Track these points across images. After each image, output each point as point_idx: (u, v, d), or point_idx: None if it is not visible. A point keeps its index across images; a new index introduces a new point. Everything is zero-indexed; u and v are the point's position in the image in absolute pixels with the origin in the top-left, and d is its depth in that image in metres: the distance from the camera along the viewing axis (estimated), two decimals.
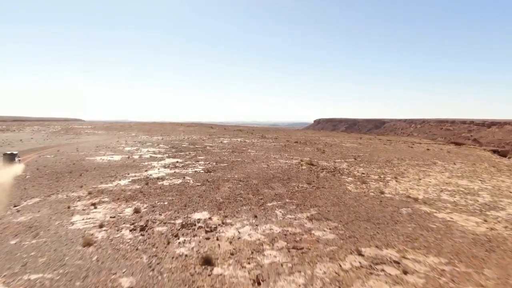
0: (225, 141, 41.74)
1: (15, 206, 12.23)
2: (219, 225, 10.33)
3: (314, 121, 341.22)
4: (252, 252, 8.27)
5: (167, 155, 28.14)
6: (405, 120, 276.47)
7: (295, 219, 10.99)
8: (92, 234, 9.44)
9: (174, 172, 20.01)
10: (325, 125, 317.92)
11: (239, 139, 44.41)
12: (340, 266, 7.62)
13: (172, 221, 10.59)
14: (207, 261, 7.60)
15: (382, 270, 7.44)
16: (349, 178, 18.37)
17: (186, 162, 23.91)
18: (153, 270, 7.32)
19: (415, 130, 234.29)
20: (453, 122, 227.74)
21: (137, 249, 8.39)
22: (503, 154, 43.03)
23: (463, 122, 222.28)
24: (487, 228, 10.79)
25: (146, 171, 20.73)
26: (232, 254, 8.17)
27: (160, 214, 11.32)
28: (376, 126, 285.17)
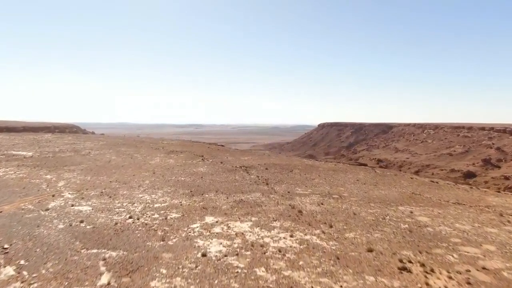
0: (216, 249, 15.76)
1: None
2: None
3: (319, 125, 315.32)
4: None
5: None
6: (414, 125, 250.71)
7: None
8: None
9: None
10: (329, 129, 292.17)
11: (249, 224, 18.36)
12: None
13: None
14: None
15: None
16: None
17: None
18: None
19: (429, 137, 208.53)
20: (470, 128, 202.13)
21: None
22: None
23: (482, 128, 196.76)
24: None
25: None
26: None
27: None
28: (384, 131, 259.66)
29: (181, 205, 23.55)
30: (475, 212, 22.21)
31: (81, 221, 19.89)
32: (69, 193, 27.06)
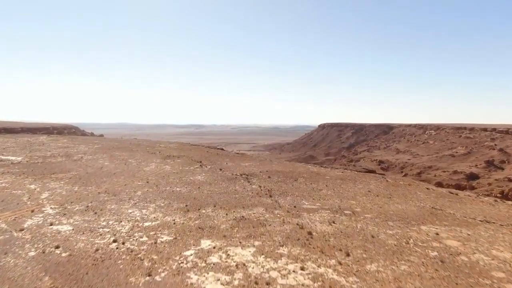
0: None
1: None
2: None
3: (319, 126, 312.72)
4: None
5: None
6: (415, 125, 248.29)
7: None
8: None
9: None
10: (330, 130, 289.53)
11: (251, 251, 15.39)
12: None
13: None
14: None
15: None
16: None
17: None
18: None
19: (430, 138, 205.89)
20: (472, 129, 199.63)
21: None
22: None
23: (484, 129, 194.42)
24: None
25: None
26: None
27: None
28: (384, 132, 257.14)
29: (174, 223, 20.67)
30: (510, 234, 19.31)
31: (57, 247, 17.01)
32: (50, 208, 24.18)
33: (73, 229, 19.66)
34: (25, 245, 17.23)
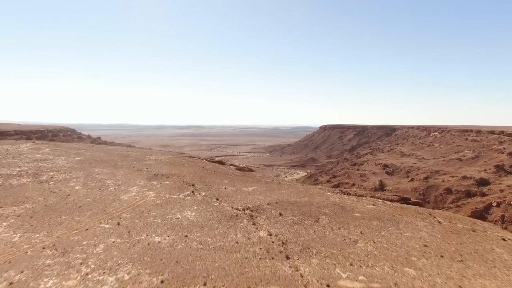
0: None
1: None
2: None
3: (320, 127, 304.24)
4: None
5: None
6: (418, 127, 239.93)
7: None
8: None
9: None
10: (331, 132, 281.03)
11: None
12: None
13: None
14: None
15: None
16: None
17: None
18: None
19: (436, 140, 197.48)
20: (478, 131, 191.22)
21: None
22: None
23: (491, 132, 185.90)
24: None
25: None
26: None
27: None
28: (387, 134, 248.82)
29: None
30: None
31: None
32: None
33: None
34: None
